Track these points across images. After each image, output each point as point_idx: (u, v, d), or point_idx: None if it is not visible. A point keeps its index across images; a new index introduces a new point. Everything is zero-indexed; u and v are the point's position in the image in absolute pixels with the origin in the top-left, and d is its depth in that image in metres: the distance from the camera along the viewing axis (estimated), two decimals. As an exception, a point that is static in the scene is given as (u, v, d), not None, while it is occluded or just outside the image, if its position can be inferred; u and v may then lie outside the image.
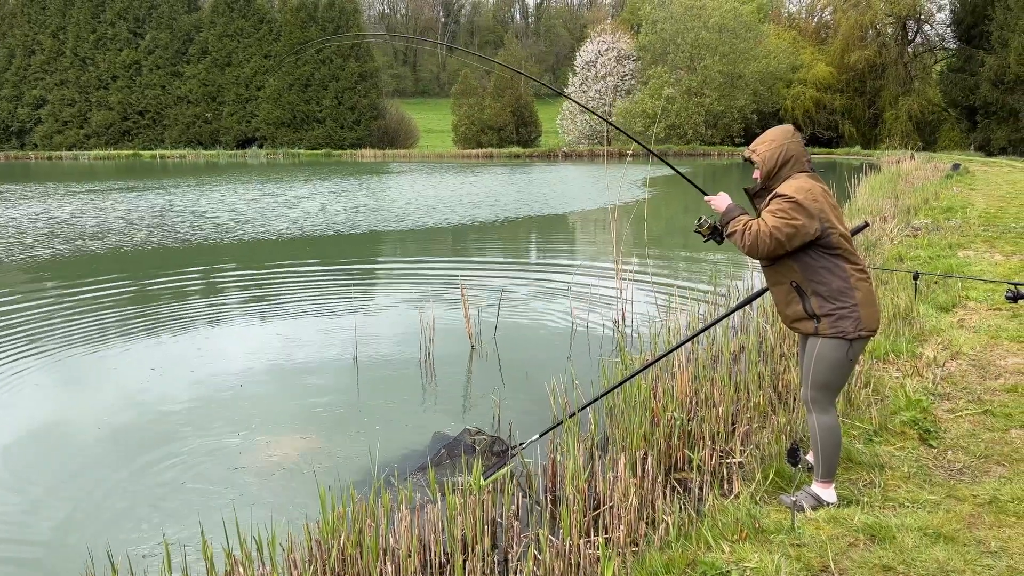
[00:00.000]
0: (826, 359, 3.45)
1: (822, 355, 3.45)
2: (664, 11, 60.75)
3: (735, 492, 3.76)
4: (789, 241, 3.35)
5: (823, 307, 3.41)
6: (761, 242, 3.36)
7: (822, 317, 3.41)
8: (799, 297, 3.47)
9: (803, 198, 3.34)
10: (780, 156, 3.48)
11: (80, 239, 14.98)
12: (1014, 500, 3.53)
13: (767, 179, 3.53)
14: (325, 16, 68.56)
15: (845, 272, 3.42)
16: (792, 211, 3.32)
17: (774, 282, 3.58)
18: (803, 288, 3.45)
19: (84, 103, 69.74)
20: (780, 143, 3.49)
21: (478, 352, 7.13)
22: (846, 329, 3.38)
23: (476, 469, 3.79)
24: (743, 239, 3.42)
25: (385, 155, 62.02)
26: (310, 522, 3.55)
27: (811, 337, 3.50)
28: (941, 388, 5.02)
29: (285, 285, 10.62)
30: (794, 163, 3.48)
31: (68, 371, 6.77)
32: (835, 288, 3.40)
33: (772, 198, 3.44)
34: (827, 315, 3.40)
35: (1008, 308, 6.79)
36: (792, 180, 3.45)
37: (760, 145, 3.55)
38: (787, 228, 3.32)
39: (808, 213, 3.32)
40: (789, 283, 3.49)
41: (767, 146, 3.52)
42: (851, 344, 3.41)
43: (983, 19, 39.76)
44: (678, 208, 20.74)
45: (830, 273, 3.40)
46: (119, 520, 4.21)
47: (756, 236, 3.36)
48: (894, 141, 50.13)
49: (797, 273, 3.45)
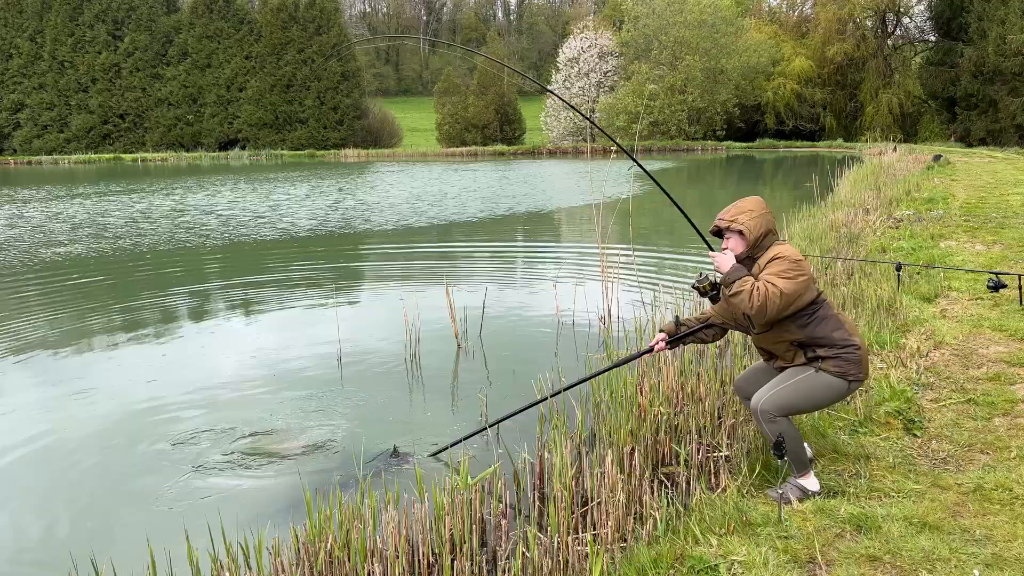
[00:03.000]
0: (814, 392, 3.49)
1: (812, 387, 3.48)
2: (646, 7, 60.84)
3: (722, 486, 3.77)
4: (795, 300, 3.39)
5: (828, 352, 3.47)
6: (771, 303, 3.34)
7: (827, 359, 3.48)
8: (802, 351, 3.54)
9: (801, 258, 3.44)
10: (764, 226, 3.53)
11: (65, 244, 14.84)
12: (998, 488, 3.56)
13: (753, 248, 3.55)
14: (306, 16, 68.17)
15: (841, 322, 3.51)
16: (797, 272, 3.38)
17: (771, 344, 3.61)
18: (805, 343, 3.51)
19: (64, 107, 69.00)
20: (760, 213, 3.54)
21: (464, 350, 7.11)
22: (851, 371, 3.45)
23: (464, 468, 3.78)
24: (751, 300, 3.35)
25: (369, 155, 61.79)
26: (296, 525, 3.52)
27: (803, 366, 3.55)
28: (925, 378, 5.06)
29: (268, 285, 10.56)
30: (774, 232, 3.57)
31: (48, 375, 6.70)
32: (838, 338, 3.47)
33: (770, 262, 3.46)
34: (832, 357, 3.47)
35: (990, 297, 6.84)
36: (779, 246, 3.51)
37: (742, 215, 3.54)
38: (795, 288, 3.36)
39: (808, 274, 3.43)
40: (789, 343, 3.54)
41: (749, 216, 3.53)
42: (849, 386, 3.49)
43: (961, 11, 40.11)
44: (664, 202, 20.75)
45: (827, 326, 3.48)
46: (103, 526, 4.17)
47: (766, 296, 3.33)
48: (875, 133, 50.48)
49: (796, 333, 3.50)
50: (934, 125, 50.39)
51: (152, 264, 12.71)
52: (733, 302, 3.45)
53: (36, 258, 13.27)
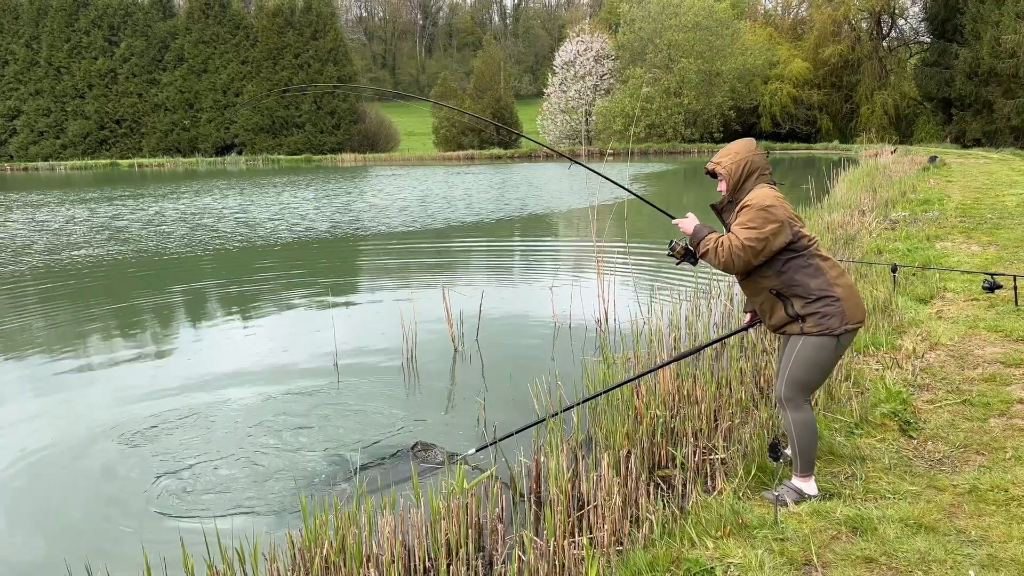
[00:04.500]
0: (810, 358, 3.46)
1: (806, 354, 3.46)
2: (642, 10, 60.98)
3: (718, 488, 3.77)
4: (763, 248, 3.38)
5: (806, 307, 3.43)
6: (736, 256, 3.39)
7: (807, 317, 3.44)
8: (780, 302, 3.50)
9: (771, 204, 3.40)
10: (745, 168, 3.53)
11: (62, 250, 14.82)
12: (993, 489, 3.56)
13: (733, 191, 3.57)
14: (302, 20, 68.26)
15: (821, 270, 3.46)
16: (763, 219, 3.37)
17: (753, 293, 3.61)
18: (783, 293, 3.48)
19: (60, 113, 68.92)
20: (744, 156, 3.55)
21: (461, 354, 7.11)
22: (832, 326, 3.41)
23: (459, 472, 3.78)
24: (717, 256, 3.44)
25: (366, 159, 61.83)
26: (292, 530, 3.52)
27: (795, 336, 3.52)
28: (920, 379, 5.06)
29: (264, 290, 10.55)
30: (758, 175, 3.54)
31: (41, 384, 6.68)
32: (814, 287, 3.43)
33: (740, 210, 3.48)
34: (811, 314, 3.43)
35: (985, 298, 6.86)
36: (757, 190, 3.51)
37: (724, 158, 3.59)
38: (760, 237, 3.36)
39: (778, 219, 3.39)
40: (768, 291, 3.52)
41: (731, 158, 3.56)
42: (839, 340, 3.44)
43: (956, 13, 40.18)
44: (660, 203, 20.75)
45: (806, 274, 3.44)
46: (97, 533, 4.15)
47: (729, 251, 3.39)
48: (871, 135, 50.57)
49: (774, 280, 3.48)
50: (930, 126, 50.50)
51: (151, 267, 12.69)
52: (705, 261, 3.57)
53: (56, 260, 13.26)
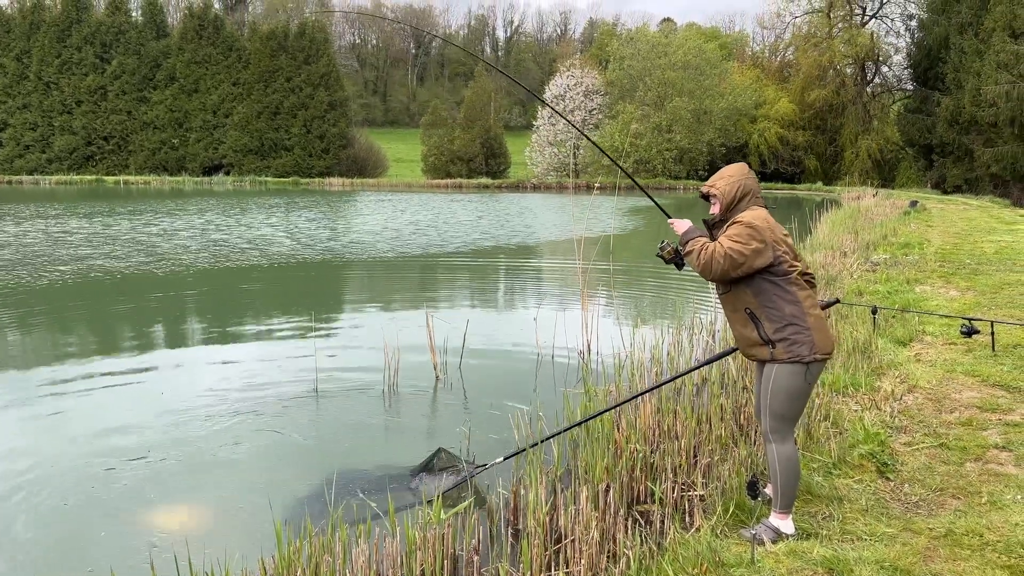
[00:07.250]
0: (783, 387, 3.51)
1: (779, 384, 3.51)
2: (631, 47, 61.91)
3: (696, 525, 3.76)
4: (743, 263, 3.46)
5: (777, 333, 3.49)
6: (715, 262, 3.48)
7: (776, 342, 3.49)
8: (753, 323, 3.56)
9: (760, 224, 3.49)
10: (739, 190, 3.64)
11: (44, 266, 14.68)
12: (968, 533, 3.58)
13: (726, 211, 3.67)
14: (295, 45, 68.63)
15: (797, 298, 3.53)
16: (749, 236, 3.47)
17: (731, 309, 3.67)
18: (756, 314, 3.54)
19: (47, 127, 68.56)
20: (737, 178, 3.66)
21: (443, 383, 7.08)
22: (801, 353, 3.46)
23: (437, 502, 3.75)
24: (699, 258, 3.56)
25: (354, 184, 61.92)
26: (266, 556, 3.47)
27: (767, 364, 3.56)
28: (898, 421, 5.10)
29: (244, 315, 10.49)
30: (751, 198, 3.65)
31: (13, 404, 6.58)
32: (787, 313, 3.50)
33: (730, 225, 3.58)
34: (781, 340, 3.49)
35: (963, 343, 6.94)
36: (750, 211, 3.60)
37: (719, 181, 3.71)
38: (742, 250, 3.45)
39: (763, 239, 3.47)
40: (743, 310, 3.59)
41: (725, 181, 3.68)
42: (808, 368, 3.49)
43: (939, 62, 41.08)
44: (647, 238, 20.94)
45: (781, 299, 3.51)
46: (68, 560, 4.07)
47: (711, 256, 3.50)
48: (854, 178, 51.37)
49: (751, 299, 3.56)
50: (911, 172, 51.38)
51: (126, 290, 12.59)
52: (687, 261, 3.69)
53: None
